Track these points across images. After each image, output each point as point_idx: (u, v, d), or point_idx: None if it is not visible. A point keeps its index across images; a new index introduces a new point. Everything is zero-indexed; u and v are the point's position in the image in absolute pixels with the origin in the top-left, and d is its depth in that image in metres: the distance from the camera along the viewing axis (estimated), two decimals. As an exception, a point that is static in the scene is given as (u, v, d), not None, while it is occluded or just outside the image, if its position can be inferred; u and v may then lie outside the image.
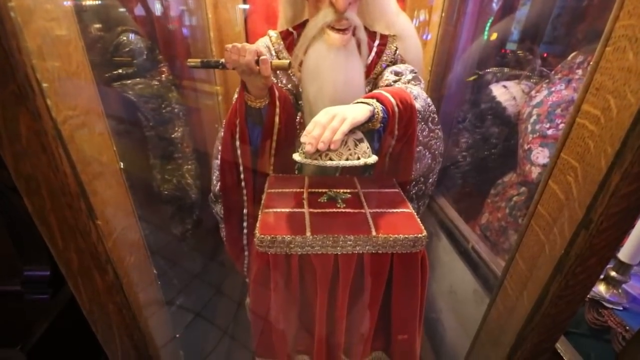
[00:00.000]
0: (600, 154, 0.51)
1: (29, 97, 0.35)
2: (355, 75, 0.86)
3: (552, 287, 0.58)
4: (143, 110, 1.01)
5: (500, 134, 1.31)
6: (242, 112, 0.81)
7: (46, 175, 0.39)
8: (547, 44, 1.27)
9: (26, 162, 0.38)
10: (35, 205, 0.41)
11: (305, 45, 0.85)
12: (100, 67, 0.94)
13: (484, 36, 1.32)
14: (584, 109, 0.55)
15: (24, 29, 0.34)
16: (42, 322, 1.02)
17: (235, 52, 0.69)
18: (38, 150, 0.37)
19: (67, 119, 0.41)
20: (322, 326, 0.74)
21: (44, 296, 1.13)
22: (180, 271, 1.27)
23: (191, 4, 1.16)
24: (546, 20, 1.25)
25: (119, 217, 0.52)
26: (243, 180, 0.87)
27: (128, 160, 0.61)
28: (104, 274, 0.48)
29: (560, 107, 1.10)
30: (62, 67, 0.41)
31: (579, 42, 1.18)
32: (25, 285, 1.14)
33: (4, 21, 0.33)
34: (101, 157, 0.49)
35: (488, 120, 1.29)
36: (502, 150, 1.33)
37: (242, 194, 0.89)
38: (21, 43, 0.34)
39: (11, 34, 0.33)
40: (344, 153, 0.63)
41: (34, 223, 1.04)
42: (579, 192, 0.54)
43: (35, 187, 0.40)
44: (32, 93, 0.35)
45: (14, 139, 0.37)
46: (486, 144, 1.33)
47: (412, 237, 0.66)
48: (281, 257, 0.67)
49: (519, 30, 1.31)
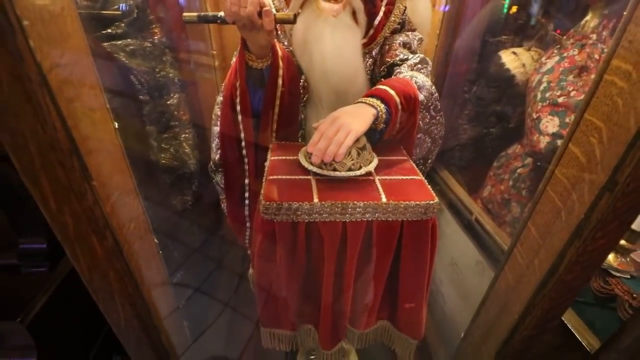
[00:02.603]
0: (629, 112, 0.48)
1: (8, 35, 0.31)
2: (348, 47, 0.82)
3: (568, 253, 0.57)
4: (135, 72, 0.95)
5: (508, 103, 1.27)
6: (243, 74, 0.76)
7: (33, 128, 0.35)
8: (560, 8, 1.21)
9: (9, 113, 0.34)
10: (23, 163, 0.37)
11: (295, 9, 0.80)
12: (88, 24, 0.87)
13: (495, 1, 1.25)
14: (613, 64, 0.51)
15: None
16: (42, 295, 1.00)
17: (236, 2, 0.63)
18: (22, 99, 0.33)
19: (54, 67, 0.37)
20: (328, 296, 0.72)
21: (41, 269, 1.11)
22: (180, 244, 1.26)
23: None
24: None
25: (116, 181, 0.48)
26: (244, 148, 0.83)
27: (121, 126, 0.57)
28: (103, 240, 0.45)
29: (573, 73, 1.06)
30: (44, 6, 0.36)
31: (595, 3, 1.12)
32: (22, 258, 1.11)
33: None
34: (94, 115, 0.45)
35: (496, 89, 1.24)
36: (509, 120, 1.30)
37: (243, 162, 0.85)
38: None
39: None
40: (347, 163, 0.68)
41: (28, 195, 1.00)
42: (603, 155, 0.52)
43: (22, 143, 0.36)
44: (10, 30, 0.31)
45: (-8, 84, 0.33)
46: (493, 114, 1.30)
47: (424, 203, 0.64)
48: (287, 225, 0.64)
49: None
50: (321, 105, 0.86)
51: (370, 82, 0.91)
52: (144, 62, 0.97)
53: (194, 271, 1.36)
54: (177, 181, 1.15)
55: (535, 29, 1.22)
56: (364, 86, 0.86)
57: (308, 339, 0.87)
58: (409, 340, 0.85)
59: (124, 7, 0.92)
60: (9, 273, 1.07)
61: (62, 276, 1.06)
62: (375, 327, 0.86)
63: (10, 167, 0.95)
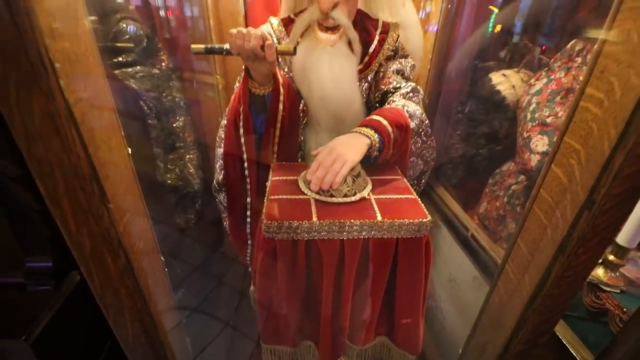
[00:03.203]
0: (603, 136, 0.52)
1: (43, 77, 0.35)
2: (345, 74, 0.87)
3: (554, 269, 0.60)
4: (144, 98, 1.00)
5: (500, 122, 1.32)
6: (246, 100, 0.81)
7: (59, 157, 0.39)
8: (546, 33, 1.28)
9: (39, 144, 0.38)
10: (48, 188, 0.41)
11: (295, 39, 0.85)
12: (101, 54, 0.93)
13: (484, 26, 1.32)
14: (587, 92, 0.55)
15: (37, 7, 0.34)
16: (46, 313, 1.02)
17: (240, 37, 0.69)
18: (51, 132, 0.37)
19: (78, 101, 0.41)
20: (328, 311, 0.75)
21: (46, 287, 1.13)
22: (183, 261, 1.28)
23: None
24: (546, 9, 1.25)
25: (128, 202, 0.52)
26: (246, 168, 0.88)
27: (132, 150, 0.61)
28: (116, 258, 0.48)
29: (560, 94, 1.11)
30: (71, 48, 0.41)
31: (579, 30, 1.18)
32: (28, 276, 1.13)
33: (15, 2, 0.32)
34: (110, 142, 0.49)
35: (487, 109, 1.30)
36: (501, 139, 1.34)
37: (245, 182, 0.89)
38: (34, 21, 0.34)
39: (24, 11, 0.33)
40: (343, 190, 0.72)
41: (35, 214, 1.03)
42: (582, 175, 0.56)
43: (48, 170, 0.39)
44: (45, 73, 0.35)
45: (27, 120, 0.37)
46: (485, 133, 1.34)
47: (417, 221, 0.67)
48: (288, 243, 0.68)
49: (519, 19, 1.32)
50: (320, 128, 0.90)
51: (366, 105, 0.96)
52: (152, 87, 1.02)
53: (195, 288, 1.37)
54: (181, 200, 1.19)
55: (523, 53, 1.28)
56: (359, 110, 0.91)
57: (308, 355, 0.89)
58: (407, 355, 0.86)
59: (135, 37, 0.98)
60: (15, 291, 1.09)
61: (65, 294, 1.08)
62: (373, 343, 0.88)
63: (20, 187, 0.99)
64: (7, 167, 0.96)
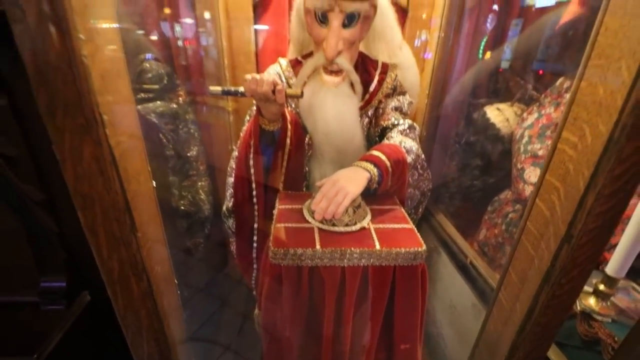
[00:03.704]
0: (578, 176, 0.58)
1: (93, 128, 0.42)
2: (347, 112, 0.95)
3: (541, 298, 0.64)
4: (164, 131, 1.09)
5: (495, 153, 1.38)
6: (257, 134, 0.88)
7: (101, 194, 0.45)
8: (535, 70, 1.36)
9: (84, 183, 0.45)
10: (87, 220, 0.47)
11: (302, 81, 0.94)
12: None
13: (478, 63, 1.41)
14: (563, 135, 0.62)
15: (92, 72, 0.42)
16: (57, 332, 1.06)
17: (254, 83, 0.77)
18: (96, 173, 0.44)
19: (118, 144, 0.48)
20: (329, 335, 0.79)
21: (59, 307, 1.17)
22: (188, 282, 1.32)
23: (207, 32, 1.26)
24: (535, 48, 1.35)
25: (151, 230, 0.58)
26: (255, 196, 0.94)
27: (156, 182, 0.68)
28: (140, 282, 0.53)
29: (550, 129, 1.18)
30: (114, 100, 0.48)
31: (566, 68, 1.26)
32: (42, 296, 1.18)
33: (79, 67, 0.40)
34: (139, 177, 0.55)
35: (483, 141, 1.36)
36: (497, 168, 1.40)
37: (253, 209, 0.96)
38: (90, 84, 0.41)
39: (83, 77, 0.41)
40: (344, 220, 0.78)
41: (54, 236, 1.10)
42: (562, 211, 0.61)
43: (90, 204, 0.46)
44: (95, 124, 0.42)
45: (76, 163, 0.44)
46: (482, 163, 1.40)
47: (413, 250, 0.72)
48: (293, 269, 0.73)
49: (511, 58, 1.41)
50: (324, 160, 0.98)
51: (366, 139, 1.04)
52: (170, 120, 1.11)
53: (199, 309, 1.41)
54: (192, 225, 1.25)
55: (515, 89, 1.36)
56: (360, 144, 0.98)
57: (310, 379, 0.91)
58: (406, 381, 0.89)
59: (156, 75, 1.08)
60: (29, 310, 1.13)
61: (76, 314, 1.12)
62: (373, 368, 0.91)
63: (43, 211, 1.06)
64: (32, 192, 1.04)
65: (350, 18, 0.85)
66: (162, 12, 1.26)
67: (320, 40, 0.88)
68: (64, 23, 0.37)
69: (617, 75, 0.50)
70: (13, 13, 0.37)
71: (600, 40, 0.53)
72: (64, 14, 0.37)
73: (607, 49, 0.52)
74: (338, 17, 0.83)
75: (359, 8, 0.83)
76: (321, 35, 0.87)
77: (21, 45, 0.37)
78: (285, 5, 1.27)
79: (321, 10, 0.84)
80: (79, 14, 0.39)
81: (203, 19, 1.26)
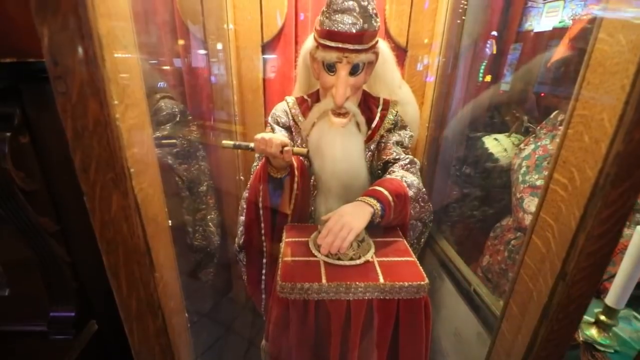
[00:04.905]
0: (570, 216, 0.61)
1: (122, 182, 0.47)
2: (353, 151, 1.01)
3: (540, 331, 0.66)
4: (178, 171, 1.14)
5: (495, 181, 1.42)
6: (265, 180, 0.95)
7: (125, 239, 0.49)
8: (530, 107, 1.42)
9: (110, 229, 0.49)
10: (110, 262, 0.51)
11: (311, 123, 1.01)
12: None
13: (476, 97, 1.48)
14: (555, 177, 0.65)
15: (124, 133, 0.47)
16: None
17: (263, 143, 0.84)
18: (122, 220, 0.48)
19: (140, 191, 0.52)
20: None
21: (67, 336, 1.19)
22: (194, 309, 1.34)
23: (217, 70, 1.34)
24: (532, 82, 1.41)
25: (166, 268, 0.61)
26: (264, 234, 0.99)
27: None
28: (155, 319, 0.56)
29: (546, 160, 1.22)
30: (139, 152, 0.53)
31: (560, 101, 1.32)
32: (51, 325, 1.20)
33: (112, 130, 0.45)
34: (157, 218, 0.59)
35: (482, 170, 1.41)
36: (498, 196, 1.43)
37: (262, 245, 1.01)
38: (121, 142, 0.46)
39: (116, 137, 0.45)
40: (349, 254, 0.81)
41: (66, 266, 1.13)
42: (557, 247, 0.64)
43: (114, 248, 0.50)
44: (124, 178, 0.47)
45: (104, 212, 0.48)
46: (482, 191, 1.44)
47: (416, 284, 0.75)
48: (300, 302, 0.76)
49: (507, 92, 1.47)
50: (330, 195, 1.03)
51: (369, 172, 1.08)
52: (184, 159, 1.17)
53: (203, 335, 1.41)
54: (204, 258, 1.29)
55: (512, 121, 1.42)
56: (365, 179, 1.04)
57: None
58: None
59: (171, 113, 1.15)
60: (38, 339, 1.15)
61: (84, 343, 1.14)
62: (379, 399, 0.91)
63: (56, 243, 1.10)
64: (48, 224, 1.08)
65: (356, 67, 0.92)
66: (176, 45, 1.34)
67: (328, 87, 0.95)
68: (102, 93, 0.42)
69: (600, 126, 0.54)
70: (57, 85, 0.42)
71: (583, 93, 0.58)
72: (102, 85, 0.42)
73: (590, 101, 0.57)
74: (345, 67, 0.90)
75: (364, 58, 0.90)
76: (329, 82, 0.94)
77: (63, 113, 0.42)
78: (291, 47, 1.35)
79: (329, 62, 0.91)
80: (114, 81, 0.45)
81: (216, 53, 1.32)
